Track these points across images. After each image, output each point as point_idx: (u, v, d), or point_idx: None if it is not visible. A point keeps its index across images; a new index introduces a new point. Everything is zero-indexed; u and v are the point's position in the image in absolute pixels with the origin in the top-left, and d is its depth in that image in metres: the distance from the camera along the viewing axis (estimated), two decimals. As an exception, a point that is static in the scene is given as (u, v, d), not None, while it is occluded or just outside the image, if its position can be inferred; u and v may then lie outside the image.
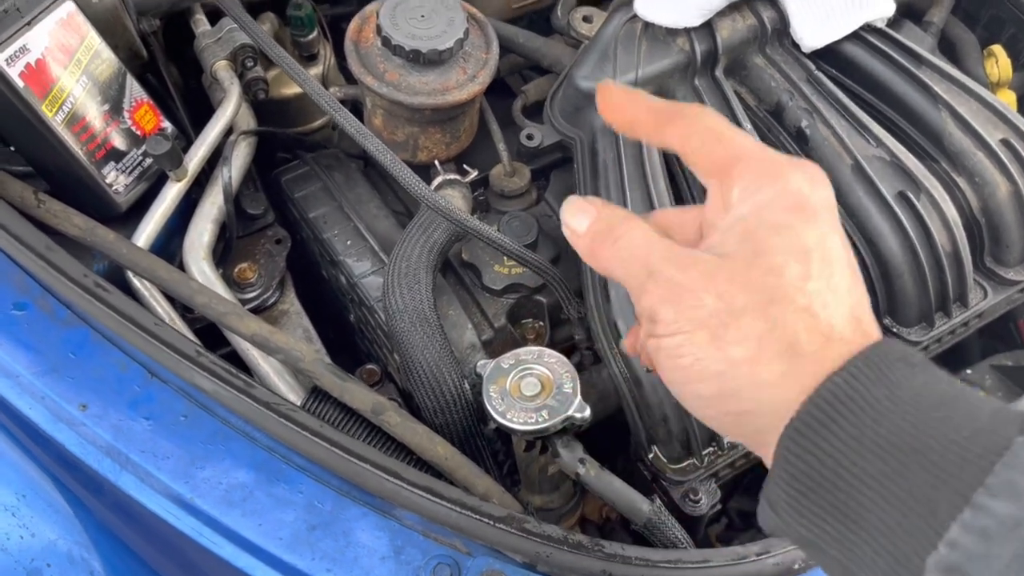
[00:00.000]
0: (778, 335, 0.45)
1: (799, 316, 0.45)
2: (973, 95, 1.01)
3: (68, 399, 0.81)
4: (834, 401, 0.43)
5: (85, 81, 0.89)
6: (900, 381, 0.43)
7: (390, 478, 0.75)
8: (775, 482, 0.45)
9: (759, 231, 0.47)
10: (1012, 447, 0.39)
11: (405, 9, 0.94)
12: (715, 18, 0.95)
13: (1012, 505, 0.38)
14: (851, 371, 0.44)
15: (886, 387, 0.43)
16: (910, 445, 0.41)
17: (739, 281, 0.46)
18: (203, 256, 0.94)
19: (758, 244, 0.47)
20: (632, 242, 0.51)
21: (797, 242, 0.47)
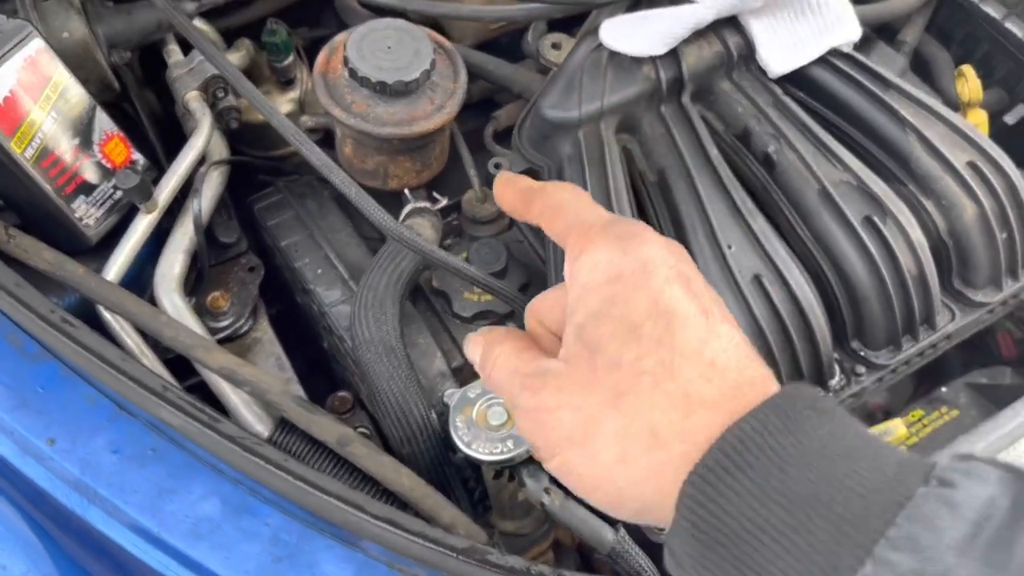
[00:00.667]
0: (636, 428, 0.45)
1: (650, 400, 0.45)
2: (940, 118, 1.01)
3: (36, 433, 0.81)
4: (740, 448, 0.42)
5: (54, 116, 0.90)
6: (808, 430, 0.42)
7: (353, 510, 0.76)
8: (676, 532, 0.44)
9: (588, 325, 0.47)
10: (914, 498, 0.39)
11: (372, 40, 0.95)
12: (681, 45, 0.96)
13: (913, 558, 0.37)
14: (759, 418, 0.43)
15: (793, 435, 0.42)
16: (815, 496, 0.40)
17: (586, 387, 0.46)
18: (174, 288, 0.95)
19: (590, 339, 0.47)
20: (497, 373, 0.54)
21: (625, 321, 0.46)
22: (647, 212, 0.97)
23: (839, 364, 0.96)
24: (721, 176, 0.94)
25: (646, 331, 0.46)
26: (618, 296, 0.47)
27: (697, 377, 0.45)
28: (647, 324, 0.46)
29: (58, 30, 0.96)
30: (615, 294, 0.47)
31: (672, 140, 0.96)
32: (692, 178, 0.94)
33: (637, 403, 0.45)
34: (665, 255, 0.49)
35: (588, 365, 0.47)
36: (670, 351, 0.45)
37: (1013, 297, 1.03)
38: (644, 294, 0.47)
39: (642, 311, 0.46)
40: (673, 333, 0.46)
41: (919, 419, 1.14)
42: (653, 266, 0.48)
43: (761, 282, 0.90)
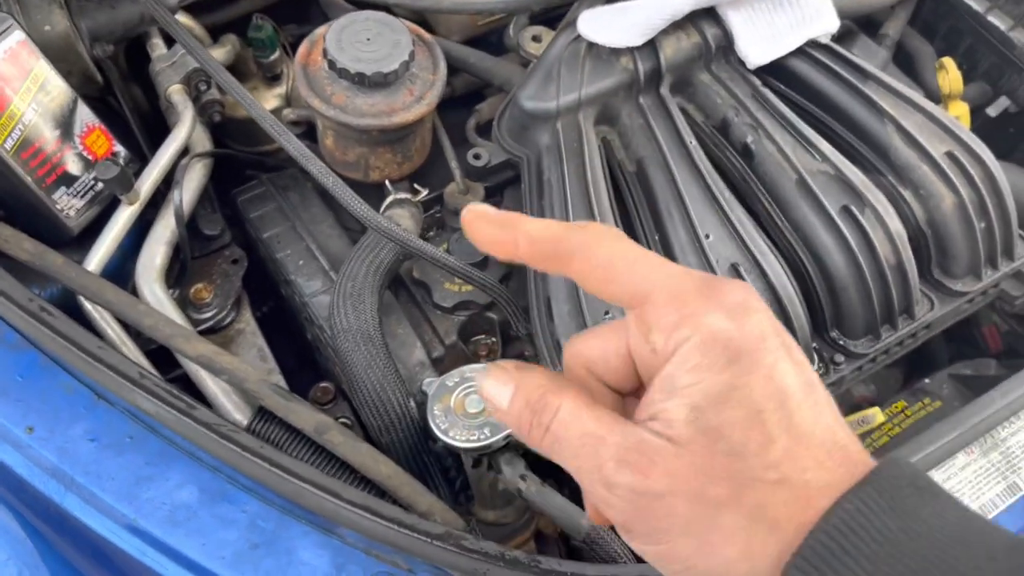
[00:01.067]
0: (760, 522, 0.42)
1: (774, 495, 0.42)
2: (919, 109, 1.01)
3: (15, 421, 0.82)
4: (846, 531, 0.40)
5: (35, 108, 0.90)
6: (913, 510, 0.40)
7: (329, 497, 0.76)
8: None
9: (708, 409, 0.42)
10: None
11: (351, 32, 0.96)
12: (659, 36, 0.97)
13: None
14: (862, 498, 0.40)
15: (899, 518, 0.40)
16: None
17: (705, 474, 0.42)
18: (155, 278, 0.95)
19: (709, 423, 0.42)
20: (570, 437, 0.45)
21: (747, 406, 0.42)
22: (626, 202, 0.97)
23: (818, 353, 0.96)
24: (699, 166, 0.95)
25: (768, 416, 0.42)
26: (739, 379, 0.42)
27: (815, 465, 0.42)
28: (768, 408, 0.42)
29: (40, 23, 0.97)
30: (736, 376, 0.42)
31: (651, 131, 0.97)
32: (670, 168, 0.94)
33: (762, 497, 0.42)
34: (773, 324, 0.44)
35: (707, 451, 0.42)
36: (792, 439, 0.42)
37: (993, 286, 1.04)
38: (761, 373, 0.42)
39: (761, 393, 0.42)
40: (791, 416, 0.42)
41: (902, 410, 1.14)
42: (766, 341, 0.43)
43: (738, 271, 0.90)
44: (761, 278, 0.91)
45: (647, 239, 0.95)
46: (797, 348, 0.45)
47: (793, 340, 0.45)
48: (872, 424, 0.98)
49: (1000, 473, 0.90)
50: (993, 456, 0.91)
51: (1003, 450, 0.91)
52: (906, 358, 1.35)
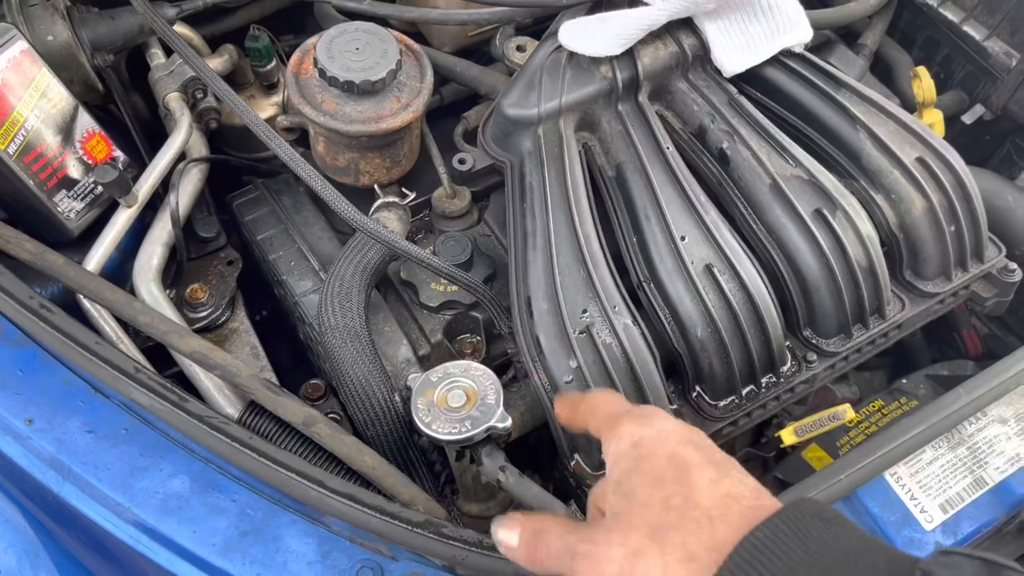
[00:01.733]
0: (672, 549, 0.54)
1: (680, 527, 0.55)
2: (890, 116, 1.05)
3: (15, 414, 0.85)
4: (755, 552, 0.51)
5: (37, 114, 0.94)
6: (814, 534, 0.51)
7: (314, 486, 0.79)
8: None
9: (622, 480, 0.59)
10: None
11: (341, 42, 0.99)
12: (637, 46, 1.00)
13: None
14: (771, 526, 0.52)
15: (801, 540, 0.50)
16: None
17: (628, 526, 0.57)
18: (152, 278, 0.99)
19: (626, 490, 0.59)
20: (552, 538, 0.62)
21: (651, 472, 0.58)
22: (605, 205, 1.01)
23: (791, 351, 1.00)
24: (676, 170, 0.98)
25: (668, 477, 0.58)
26: (643, 455, 0.60)
27: (715, 505, 0.55)
28: (668, 472, 0.58)
29: (43, 33, 1.01)
30: (640, 455, 0.60)
31: (629, 137, 1.00)
32: (648, 173, 0.98)
33: (670, 531, 0.55)
34: (676, 426, 0.62)
35: (627, 510, 0.58)
36: (690, 489, 0.57)
37: (964, 288, 1.07)
38: (663, 451, 0.59)
39: (663, 464, 0.58)
40: (691, 476, 0.57)
41: (879, 408, 1.17)
42: (667, 433, 0.61)
43: (712, 272, 0.93)
44: (735, 278, 0.94)
45: (626, 241, 0.98)
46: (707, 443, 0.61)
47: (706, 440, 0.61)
48: (843, 420, 1.01)
49: (967, 467, 0.93)
50: (960, 451, 0.94)
51: (970, 445, 0.94)
52: (889, 361, 1.38)
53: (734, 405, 0.96)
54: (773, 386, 0.97)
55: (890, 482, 0.91)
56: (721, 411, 0.95)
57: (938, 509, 0.90)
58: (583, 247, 0.92)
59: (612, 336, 0.89)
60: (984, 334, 1.39)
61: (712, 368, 0.93)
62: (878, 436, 0.91)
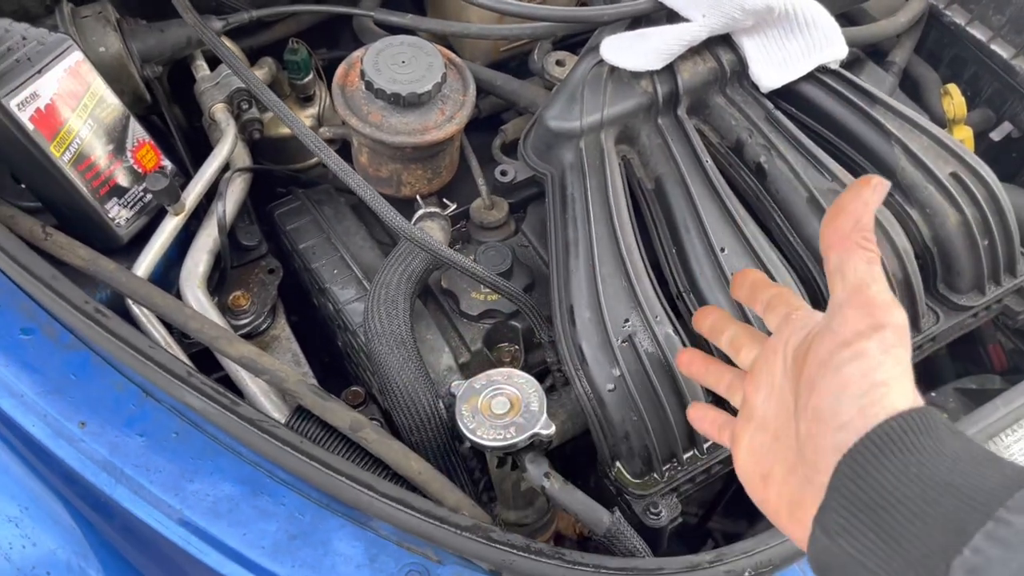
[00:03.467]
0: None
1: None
2: (924, 132, 1.06)
3: (68, 417, 0.87)
4: (888, 441, 0.52)
5: (91, 123, 0.96)
6: (945, 439, 0.52)
7: (364, 490, 0.81)
8: (830, 508, 0.53)
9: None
10: None
11: (387, 55, 1.02)
12: (677, 61, 1.02)
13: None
14: (906, 420, 0.53)
15: (933, 440, 0.52)
16: (946, 481, 0.49)
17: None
18: (198, 284, 1.01)
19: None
20: None
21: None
22: (645, 217, 1.02)
23: (828, 363, 1.00)
24: (715, 184, 1.00)
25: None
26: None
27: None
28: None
29: (95, 45, 1.03)
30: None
31: (669, 150, 1.02)
32: (687, 185, 0.99)
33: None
34: None
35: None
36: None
37: (996, 302, 1.08)
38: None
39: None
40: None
41: (909, 422, 1.17)
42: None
43: (752, 283, 0.95)
44: (774, 290, 0.95)
45: (665, 252, 1.00)
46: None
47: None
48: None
49: (1003, 479, 0.93)
50: (996, 463, 0.94)
51: (1007, 457, 0.95)
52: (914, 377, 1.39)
53: (773, 415, 0.97)
54: (811, 397, 0.98)
55: (928, 493, 0.92)
56: (760, 421, 0.96)
57: (976, 520, 0.91)
58: (625, 257, 0.94)
59: (654, 345, 0.90)
60: (1009, 349, 1.40)
61: (752, 378, 0.95)
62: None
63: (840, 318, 0.59)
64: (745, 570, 0.81)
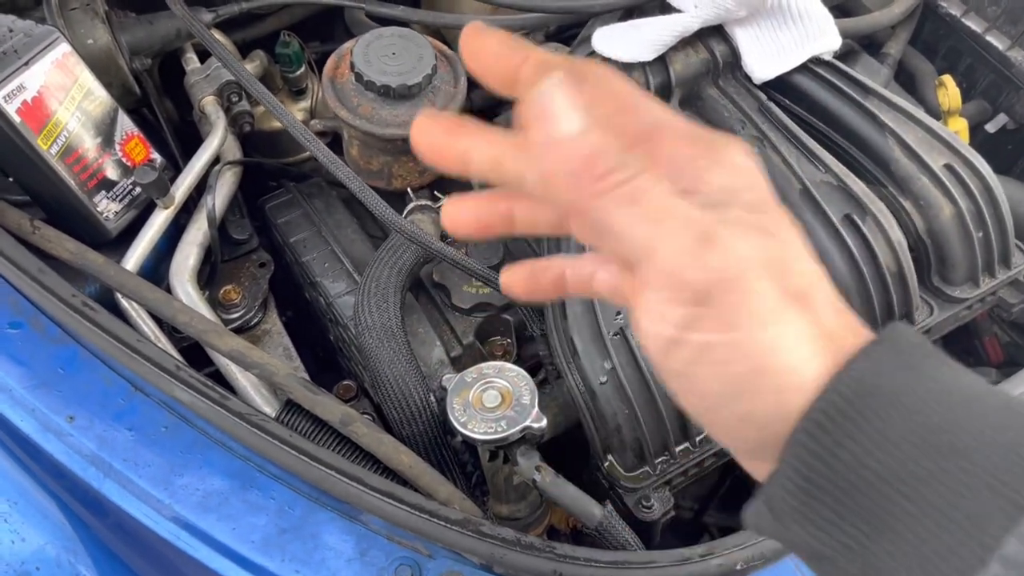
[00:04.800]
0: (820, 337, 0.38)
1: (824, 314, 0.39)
2: (918, 123, 1.06)
3: (56, 411, 0.86)
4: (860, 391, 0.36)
5: (79, 116, 0.96)
6: (928, 372, 0.37)
7: (353, 483, 0.80)
8: (779, 482, 0.38)
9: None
10: None
11: (377, 47, 1.01)
12: (669, 52, 1.01)
13: None
14: (874, 358, 0.37)
15: (915, 378, 0.37)
16: (948, 445, 0.35)
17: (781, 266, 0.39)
18: (188, 278, 1.00)
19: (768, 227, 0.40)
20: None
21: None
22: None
23: (821, 355, 1.00)
24: (707, 175, 0.99)
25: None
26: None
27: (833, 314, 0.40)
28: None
29: (83, 37, 1.02)
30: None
31: (661, 142, 1.01)
32: (680, 177, 0.98)
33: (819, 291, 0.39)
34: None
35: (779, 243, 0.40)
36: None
37: (991, 294, 1.08)
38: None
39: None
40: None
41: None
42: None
43: (745, 275, 0.94)
44: (766, 282, 0.94)
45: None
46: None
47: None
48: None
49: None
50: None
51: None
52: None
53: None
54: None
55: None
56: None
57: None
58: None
59: (646, 338, 0.90)
60: (1004, 342, 1.40)
61: (745, 370, 0.94)
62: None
63: None
64: (737, 563, 0.81)
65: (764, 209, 0.39)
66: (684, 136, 0.40)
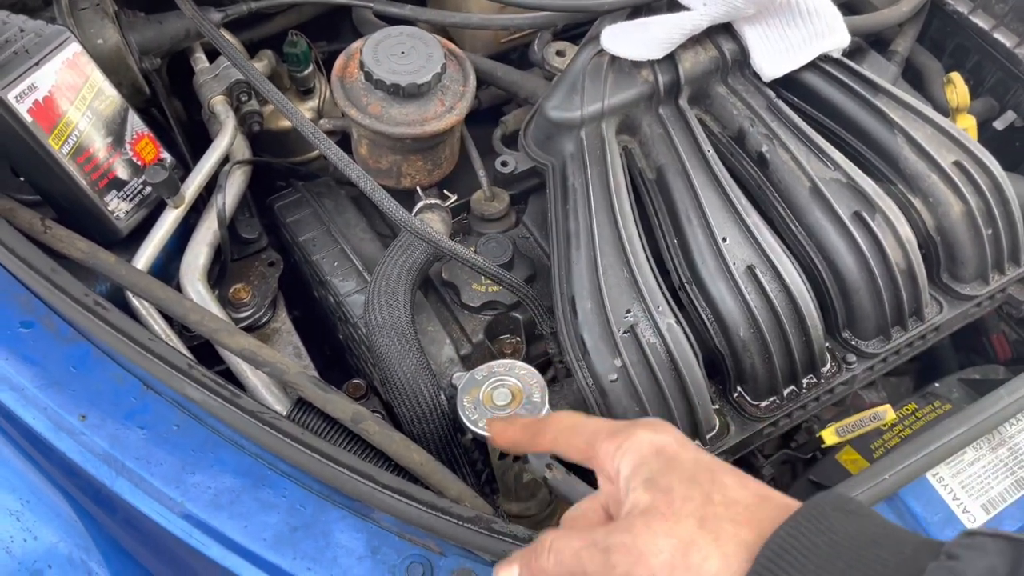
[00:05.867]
0: (726, 540, 0.54)
1: (728, 517, 0.55)
2: (928, 120, 1.06)
3: (69, 410, 0.86)
4: (780, 552, 0.51)
5: (89, 115, 0.96)
6: (837, 527, 0.52)
7: (365, 481, 0.80)
8: None
9: (657, 477, 0.59)
10: (926, 572, 0.48)
11: (387, 46, 1.01)
12: (678, 50, 1.01)
13: None
14: (794, 524, 0.52)
15: (825, 534, 0.51)
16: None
17: (673, 519, 0.56)
18: (198, 277, 1.00)
19: (663, 486, 0.58)
20: (564, 542, 0.60)
21: (685, 471, 0.59)
22: (646, 207, 1.02)
23: (831, 353, 1.00)
24: (716, 174, 0.99)
25: (702, 477, 0.58)
26: (671, 457, 0.60)
27: (753, 501, 0.56)
28: (700, 473, 0.59)
29: (93, 37, 1.03)
30: (669, 456, 0.60)
31: (670, 140, 1.01)
32: (689, 175, 0.99)
33: (721, 521, 0.55)
34: (684, 436, 0.64)
35: (667, 504, 0.57)
36: (725, 487, 0.58)
37: (1000, 291, 1.07)
38: (688, 456, 0.60)
39: (692, 465, 0.59)
40: (721, 477, 0.58)
41: (912, 412, 1.17)
42: (683, 440, 0.63)
43: (755, 272, 0.94)
44: (777, 279, 0.95)
45: (667, 243, 0.99)
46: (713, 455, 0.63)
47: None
48: (884, 420, 1.02)
49: (1008, 468, 0.93)
50: (1001, 452, 0.94)
51: (1011, 446, 0.94)
52: (917, 368, 1.39)
53: (775, 405, 0.97)
54: (813, 387, 0.98)
55: (932, 482, 0.91)
56: (763, 411, 0.96)
57: (980, 509, 0.91)
58: (626, 248, 0.93)
59: (656, 336, 0.90)
60: (1013, 339, 1.40)
61: (755, 368, 0.94)
62: (919, 437, 0.91)
63: None
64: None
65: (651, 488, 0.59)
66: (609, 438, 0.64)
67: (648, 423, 0.64)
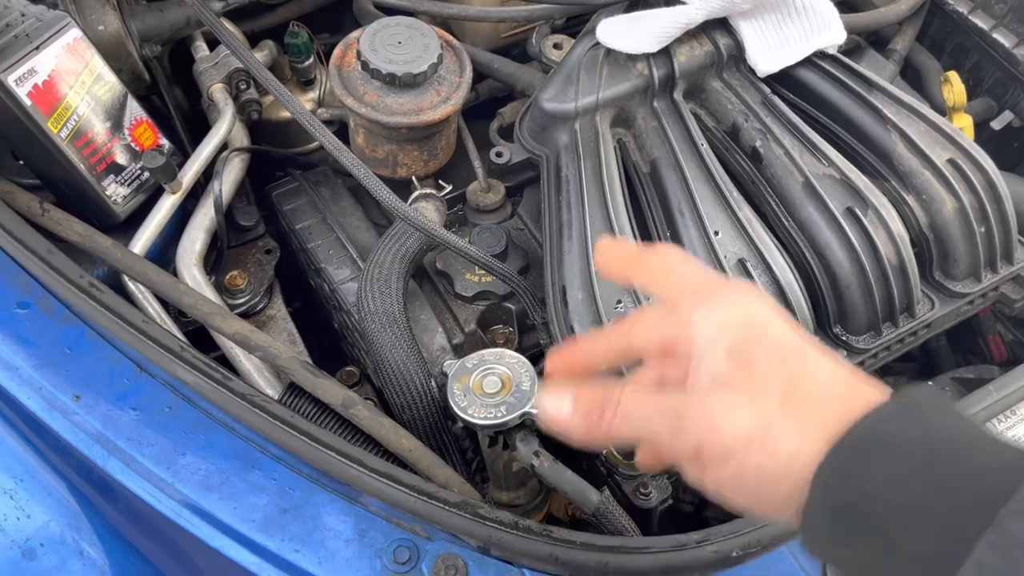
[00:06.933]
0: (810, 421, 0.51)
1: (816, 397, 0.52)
2: (922, 117, 1.06)
3: (63, 390, 0.87)
4: (865, 439, 0.48)
5: (89, 100, 0.97)
6: (931, 424, 0.48)
7: (353, 465, 0.81)
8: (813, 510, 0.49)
9: (741, 348, 0.54)
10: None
11: (384, 36, 1.02)
12: (673, 44, 1.02)
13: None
14: (886, 413, 0.49)
15: (919, 429, 0.48)
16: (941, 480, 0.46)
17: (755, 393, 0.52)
18: (194, 262, 1.01)
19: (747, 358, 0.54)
20: (634, 403, 0.56)
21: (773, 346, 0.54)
22: (640, 200, 1.02)
23: (821, 347, 1.00)
24: (710, 167, 1.00)
25: (791, 353, 0.54)
26: (758, 327, 0.55)
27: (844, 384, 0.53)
28: (790, 348, 0.54)
29: (94, 23, 1.04)
30: (756, 325, 0.55)
31: (664, 133, 1.02)
32: (682, 169, 0.99)
33: (806, 400, 0.52)
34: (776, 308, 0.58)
35: (750, 377, 0.53)
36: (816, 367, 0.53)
37: (993, 289, 1.08)
38: (777, 328, 0.55)
39: (782, 339, 0.55)
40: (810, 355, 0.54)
41: (904, 410, 1.17)
42: (775, 312, 0.57)
43: (745, 266, 0.95)
44: (767, 273, 0.95)
45: (659, 235, 1.00)
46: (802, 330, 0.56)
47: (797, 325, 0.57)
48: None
49: (995, 465, 0.93)
50: (989, 448, 0.94)
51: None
52: (913, 367, 1.39)
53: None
54: (803, 381, 0.98)
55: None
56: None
57: (967, 504, 0.91)
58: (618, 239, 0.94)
59: (646, 326, 0.90)
60: (1008, 340, 1.40)
61: (744, 360, 0.95)
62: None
63: None
64: (733, 550, 0.81)
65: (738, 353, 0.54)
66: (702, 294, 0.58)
67: (743, 287, 0.58)
